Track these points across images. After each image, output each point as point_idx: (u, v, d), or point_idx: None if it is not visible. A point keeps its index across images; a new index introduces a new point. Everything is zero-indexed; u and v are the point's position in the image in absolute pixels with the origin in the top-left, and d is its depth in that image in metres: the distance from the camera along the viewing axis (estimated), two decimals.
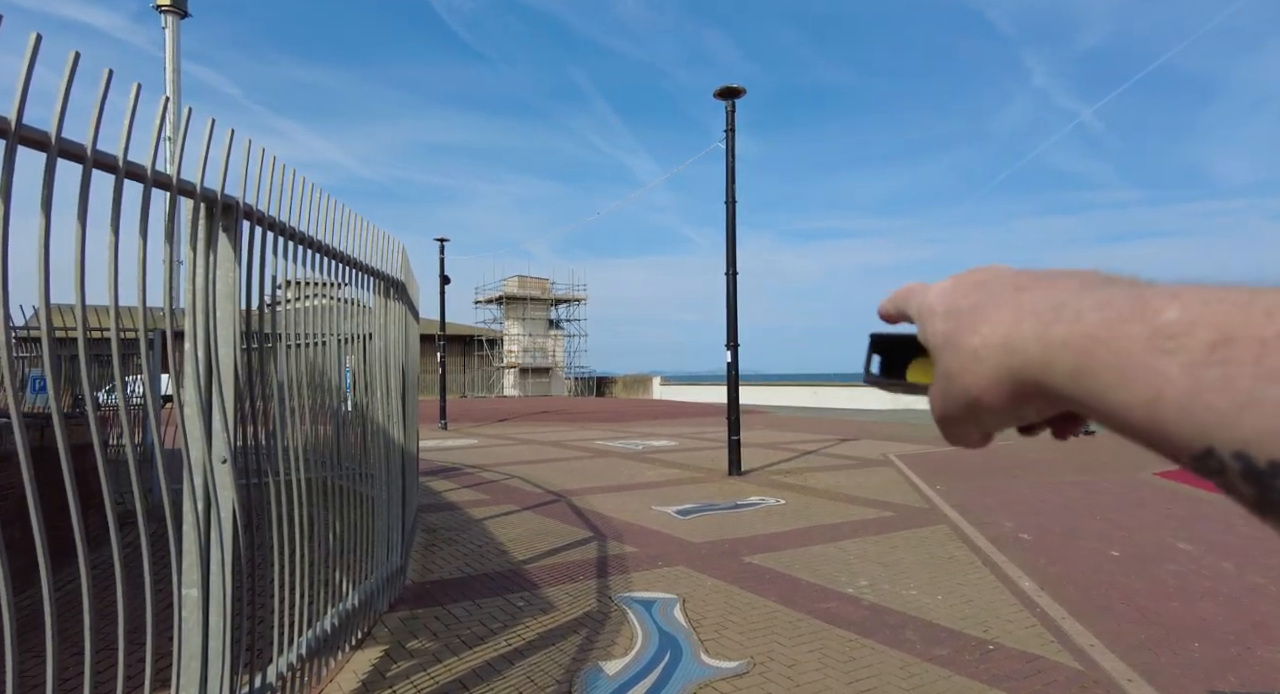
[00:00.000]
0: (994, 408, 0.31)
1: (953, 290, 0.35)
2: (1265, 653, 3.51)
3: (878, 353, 0.43)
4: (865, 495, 7.94)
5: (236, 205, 2.41)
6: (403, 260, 4.49)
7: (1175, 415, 0.24)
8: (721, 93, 9.83)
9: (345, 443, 3.87)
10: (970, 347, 0.32)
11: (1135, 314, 0.25)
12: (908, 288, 0.40)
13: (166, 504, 2.01)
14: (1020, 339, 0.29)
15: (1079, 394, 0.27)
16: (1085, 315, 0.27)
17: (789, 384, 33.55)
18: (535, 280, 44.04)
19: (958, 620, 3.97)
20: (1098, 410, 0.27)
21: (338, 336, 3.69)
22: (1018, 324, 0.30)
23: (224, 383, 2.30)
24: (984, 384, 0.31)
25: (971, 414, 0.33)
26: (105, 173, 1.83)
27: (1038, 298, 0.30)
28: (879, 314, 0.42)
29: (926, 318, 0.36)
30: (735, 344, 9.86)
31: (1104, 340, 0.26)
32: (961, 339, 0.32)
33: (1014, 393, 0.30)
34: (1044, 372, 0.28)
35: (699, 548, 5.62)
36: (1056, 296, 0.29)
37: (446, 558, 5.32)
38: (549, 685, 3.17)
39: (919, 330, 0.37)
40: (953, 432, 0.36)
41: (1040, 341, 0.28)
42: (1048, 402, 0.29)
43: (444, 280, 18.83)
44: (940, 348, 0.34)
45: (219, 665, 2.18)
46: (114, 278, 1.84)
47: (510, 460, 11.41)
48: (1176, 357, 0.24)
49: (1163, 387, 0.24)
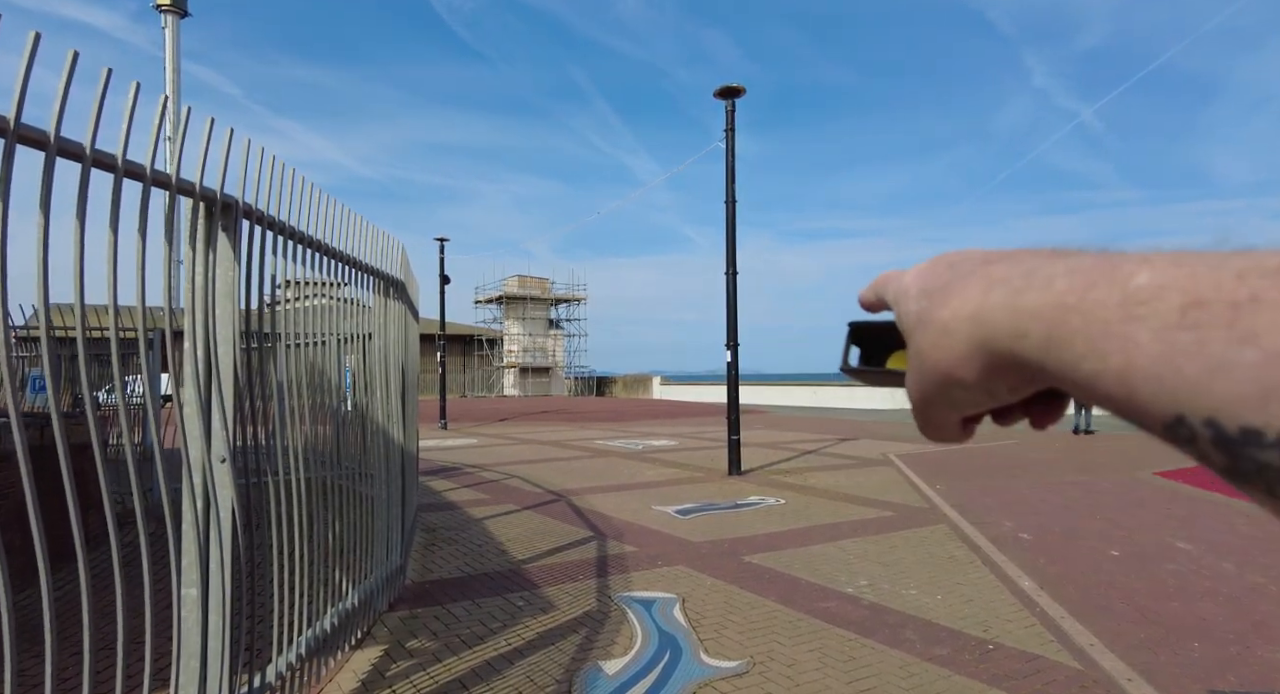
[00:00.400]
0: (966, 383, 0.30)
1: (928, 272, 0.34)
2: (1265, 652, 3.51)
3: (856, 343, 0.42)
4: (865, 495, 7.94)
5: (236, 204, 2.41)
6: (402, 260, 4.49)
7: (1146, 383, 0.23)
8: (721, 92, 9.83)
9: (345, 442, 3.87)
10: (940, 321, 0.31)
11: (1106, 279, 0.25)
12: (886, 275, 0.39)
13: (165, 503, 2.01)
14: (990, 309, 0.28)
15: (1051, 364, 0.26)
16: (1055, 282, 0.26)
17: (789, 384, 33.55)
18: (535, 280, 44.04)
19: (957, 620, 3.97)
20: (1071, 381, 0.26)
21: (337, 336, 3.69)
22: (987, 294, 0.29)
23: (223, 382, 2.30)
24: (954, 358, 0.30)
25: (943, 393, 0.32)
26: (104, 172, 1.82)
27: (1007, 268, 0.29)
28: (860, 302, 0.41)
29: (901, 300, 0.35)
30: (735, 344, 9.86)
31: (1075, 307, 0.25)
32: (932, 314, 0.31)
33: (985, 366, 0.29)
34: (1015, 342, 0.27)
35: (699, 547, 5.62)
36: (1026, 265, 0.28)
37: (446, 557, 5.32)
38: (548, 685, 3.17)
39: (895, 315, 0.36)
40: (929, 417, 0.35)
41: (1010, 310, 0.27)
42: (1020, 375, 0.28)
43: (444, 280, 18.83)
44: (913, 328, 0.33)
45: (218, 665, 2.18)
46: (113, 277, 1.84)
47: (510, 460, 11.41)
48: (1147, 322, 0.23)
49: (1134, 353, 0.23)
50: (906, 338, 0.34)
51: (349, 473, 3.73)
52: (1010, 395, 0.30)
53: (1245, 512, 6.90)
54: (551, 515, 6.89)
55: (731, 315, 9.83)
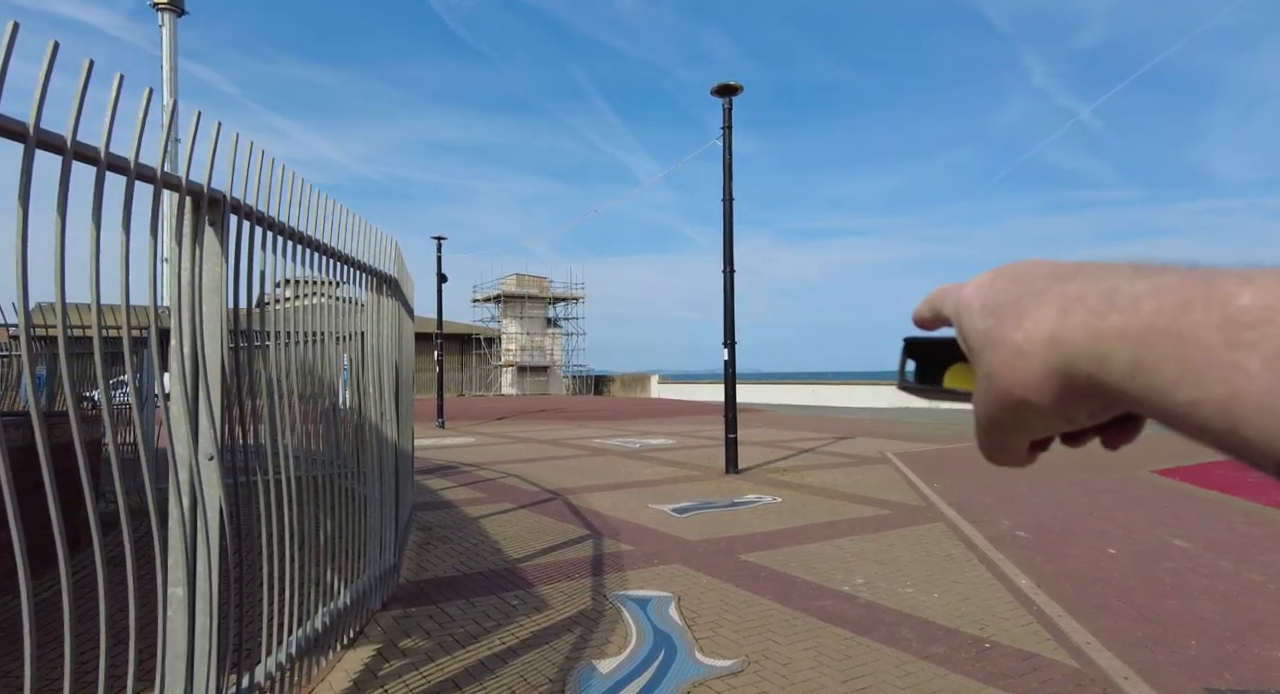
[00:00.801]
0: (1041, 409, 0.29)
1: (989, 285, 0.33)
2: (1262, 650, 3.50)
3: (912, 358, 0.41)
4: (862, 493, 7.92)
5: (224, 199, 2.38)
6: (395, 256, 4.46)
7: (1256, 416, 0.21)
8: (718, 90, 9.80)
9: (336, 440, 3.84)
10: (1013, 342, 0.29)
11: (1202, 300, 0.23)
12: (941, 289, 0.37)
13: (151, 502, 1.98)
14: (1069, 331, 0.27)
15: (1137, 391, 0.24)
16: (1142, 303, 0.25)
17: (787, 382, 33.55)
18: (533, 279, 44.00)
19: (954, 618, 3.95)
20: (1160, 409, 0.24)
21: (326, 333, 3.66)
22: (1065, 315, 0.27)
23: (210, 379, 2.27)
24: (1030, 382, 0.28)
25: (1016, 417, 0.30)
26: (86, 164, 1.80)
27: (1084, 286, 0.27)
28: (914, 320, 0.40)
29: (963, 316, 0.33)
30: (733, 342, 9.84)
31: (1166, 330, 0.23)
32: (1003, 335, 0.30)
33: (1063, 391, 0.27)
34: (1097, 366, 0.25)
35: (695, 546, 5.60)
36: (1106, 283, 0.27)
37: (441, 556, 5.30)
38: (542, 684, 3.14)
39: (956, 331, 0.35)
40: (995, 441, 0.33)
41: (1092, 333, 0.26)
42: (1102, 401, 0.27)
43: (441, 278, 18.80)
44: (980, 347, 0.32)
45: (205, 665, 2.16)
46: (95, 272, 1.81)
47: (507, 458, 11.38)
48: (1258, 348, 0.21)
49: (1241, 383, 0.21)
50: (973, 358, 0.33)
51: (341, 471, 3.70)
52: (1089, 420, 0.29)
53: (1243, 510, 6.89)
54: (547, 514, 6.87)
55: (729, 313, 9.81)
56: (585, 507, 7.22)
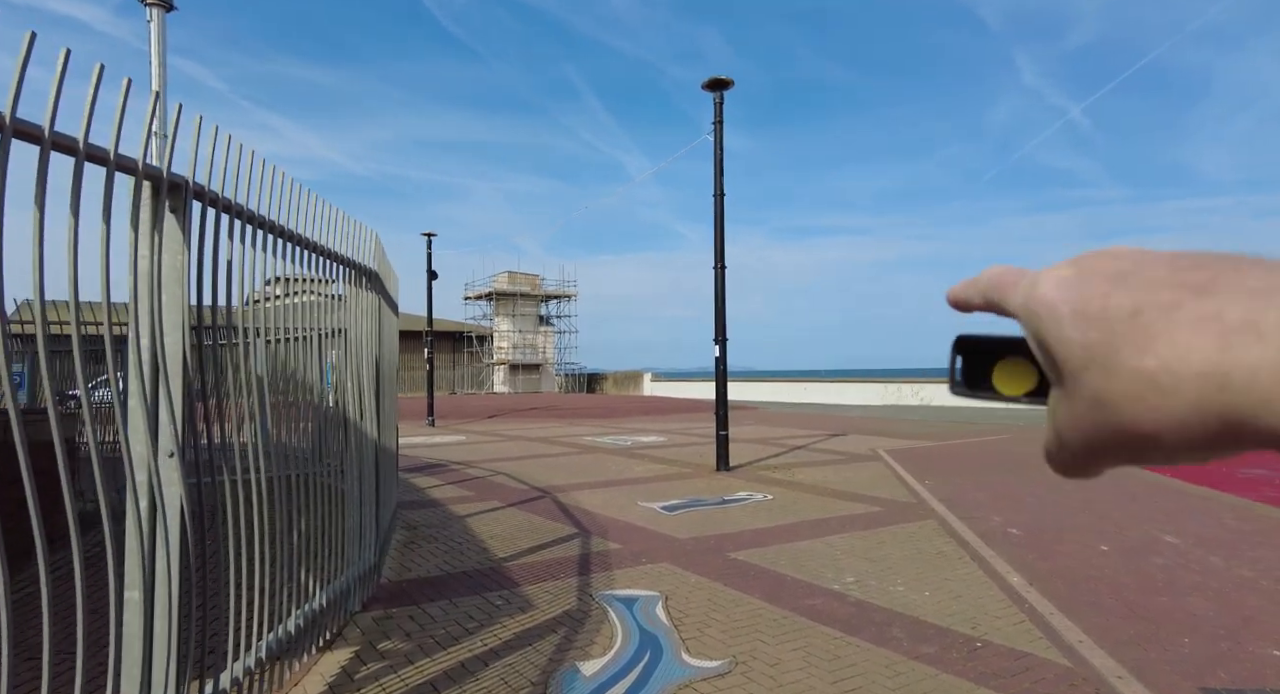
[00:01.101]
0: (1177, 448, 0.24)
1: (1081, 284, 0.27)
2: (1256, 648, 3.45)
3: (960, 355, 0.35)
4: (853, 490, 7.87)
5: (186, 184, 2.28)
6: (376, 249, 4.36)
7: None
8: (709, 85, 9.72)
9: (310, 437, 3.74)
10: (1144, 371, 0.24)
11: None
12: (1000, 274, 0.32)
13: (103, 502, 1.89)
14: (1241, 370, 0.22)
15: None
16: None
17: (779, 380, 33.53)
18: (525, 276, 43.78)
19: (945, 617, 3.89)
20: None
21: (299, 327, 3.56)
22: (1227, 347, 0.22)
23: (170, 373, 2.18)
24: (1169, 421, 0.24)
25: (1134, 451, 0.26)
26: (29, 144, 1.70)
27: (1244, 308, 0.22)
28: (951, 302, 0.34)
29: (1044, 319, 0.28)
30: (724, 339, 9.77)
31: None
32: (1123, 358, 0.25)
33: (1217, 433, 0.23)
34: (1264, 409, 0.21)
35: (684, 544, 5.53)
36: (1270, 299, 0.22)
37: (425, 555, 5.20)
38: (523, 687, 3.06)
39: (1028, 333, 0.29)
40: (1087, 467, 0.29)
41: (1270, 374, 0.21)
42: (1257, 443, 0.23)
43: (431, 275, 18.65)
44: (1079, 365, 0.26)
45: (164, 671, 2.06)
46: (39, 260, 1.71)
47: (497, 457, 11.28)
48: None
49: None
50: (1064, 375, 0.27)
51: (317, 469, 3.60)
52: (1220, 458, 0.25)
53: (1232, 506, 6.88)
54: (536, 512, 6.78)
55: (720, 310, 9.74)
56: (574, 505, 7.13)
